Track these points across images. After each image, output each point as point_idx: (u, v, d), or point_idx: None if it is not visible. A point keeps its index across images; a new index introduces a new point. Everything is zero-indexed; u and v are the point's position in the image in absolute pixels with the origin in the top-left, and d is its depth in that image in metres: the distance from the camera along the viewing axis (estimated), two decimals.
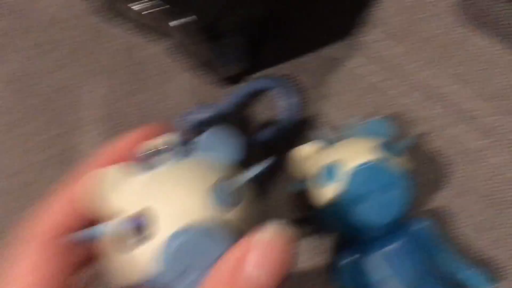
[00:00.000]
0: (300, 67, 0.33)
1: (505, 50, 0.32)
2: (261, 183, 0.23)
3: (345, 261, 0.29)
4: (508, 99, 0.32)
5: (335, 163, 0.28)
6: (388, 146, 0.28)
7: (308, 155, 0.29)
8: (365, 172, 0.26)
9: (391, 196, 0.26)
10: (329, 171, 0.28)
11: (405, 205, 0.27)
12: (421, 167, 0.32)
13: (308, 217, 0.29)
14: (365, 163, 0.27)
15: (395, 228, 0.28)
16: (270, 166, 0.23)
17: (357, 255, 0.28)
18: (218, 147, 0.22)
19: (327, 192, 0.28)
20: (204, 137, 0.23)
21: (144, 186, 0.21)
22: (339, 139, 0.30)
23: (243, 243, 0.19)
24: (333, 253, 0.29)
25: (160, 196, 0.21)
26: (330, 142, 0.30)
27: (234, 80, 0.33)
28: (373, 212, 0.26)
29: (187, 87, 0.33)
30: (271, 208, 0.31)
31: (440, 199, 0.32)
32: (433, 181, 0.32)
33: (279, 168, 0.28)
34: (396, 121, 0.33)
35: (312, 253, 0.32)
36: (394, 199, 0.26)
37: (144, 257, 0.20)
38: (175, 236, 0.20)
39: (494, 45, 0.32)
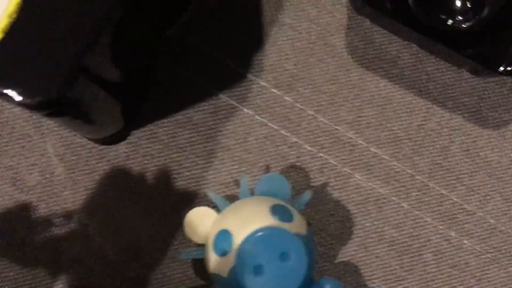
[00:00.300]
0: (184, 121, 0.30)
1: (400, 92, 0.31)
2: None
3: None
4: (404, 143, 0.31)
5: (225, 231, 0.25)
6: (281, 207, 0.26)
7: (200, 219, 0.26)
8: (257, 241, 0.24)
9: (290, 265, 0.24)
10: (220, 240, 0.25)
11: (306, 271, 0.24)
12: (323, 219, 0.30)
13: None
14: (256, 231, 0.24)
15: None
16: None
17: None
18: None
19: (220, 263, 0.25)
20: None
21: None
22: (232, 200, 0.27)
23: None
24: None
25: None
26: (223, 204, 0.27)
27: (110, 141, 0.30)
28: (272, 285, 0.24)
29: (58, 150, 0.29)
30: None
31: (348, 251, 0.30)
32: (338, 233, 0.30)
33: None
34: (291, 175, 0.30)
35: None
36: (293, 268, 0.24)
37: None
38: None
39: (388, 87, 0.31)
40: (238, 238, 0.24)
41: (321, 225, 0.30)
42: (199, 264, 0.29)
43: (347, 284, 0.30)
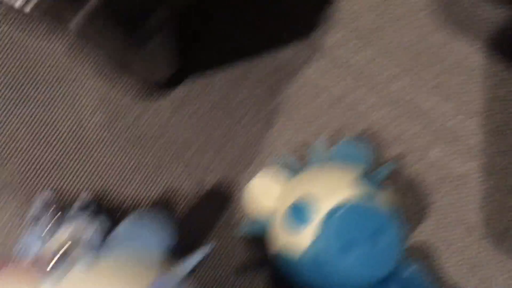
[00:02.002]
0: (243, 74, 0.26)
1: (487, 59, 0.27)
2: None
3: None
4: (492, 116, 0.27)
5: (304, 202, 0.21)
6: (367, 176, 0.22)
7: (266, 189, 0.22)
8: (346, 215, 0.20)
9: (382, 245, 0.20)
10: (297, 212, 0.21)
11: (399, 254, 0.20)
12: (397, 196, 0.26)
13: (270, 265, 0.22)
14: (345, 203, 0.20)
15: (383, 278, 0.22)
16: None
17: None
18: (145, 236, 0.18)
19: (293, 239, 0.21)
20: (125, 226, 0.18)
21: None
22: (303, 167, 0.23)
23: None
24: None
25: None
26: (293, 172, 0.23)
27: (158, 86, 0.25)
28: (359, 268, 0.20)
29: (94, 95, 0.25)
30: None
31: (422, 233, 0.26)
32: (412, 212, 0.26)
33: None
34: (369, 143, 0.26)
35: None
36: (386, 249, 0.20)
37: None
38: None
39: (475, 54, 0.27)
40: (321, 210, 0.20)
41: (398, 203, 0.26)
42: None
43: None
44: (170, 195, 0.25)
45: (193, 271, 0.19)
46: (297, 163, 0.23)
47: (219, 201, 0.25)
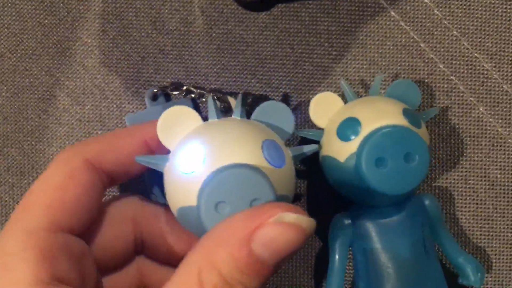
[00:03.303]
0: (333, 4, 0.30)
1: None
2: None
3: (338, 220, 0.27)
4: None
5: (356, 118, 0.25)
6: (412, 112, 0.26)
7: (328, 103, 0.27)
8: (387, 135, 0.24)
9: (412, 166, 0.24)
10: (349, 125, 0.25)
11: (422, 179, 0.25)
12: (434, 141, 0.30)
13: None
14: (390, 126, 0.24)
15: (400, 200, 0.26)
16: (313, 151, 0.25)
17: (349, 220, 0.27)
18: (273, 117, 0.24)
19: (340, 147, 0.25)
20: (263, 106, 0.24)
21: (207, 128, 0.23)
22: (362, 95, 0.28)
23: (258, 215, 0.19)
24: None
25: (218, 136, 0.22)
26: (351, 95, 0.27)
27: (255, 7, 0.30)
28: (388, 181, 0.24)
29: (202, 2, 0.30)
30: None
31: (449, 179, 0.30)
32: (444, 159, 0.30)
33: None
34: (426, 88, 0.30)
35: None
36: (414, 170, 0.24)
37: (192, 184, 0.21)
38: (217, 171, 0.20)
39: None
40: (367, 128, 0.25)
41: (430, 146, 0.30)
42: None
43: None
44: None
45: (295, 159, 0.24)
46: (355, 94, 0.28)
47: (289, 105, 0.30)
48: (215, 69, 0.30)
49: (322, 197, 0.30)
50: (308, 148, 0.24)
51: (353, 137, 0.25)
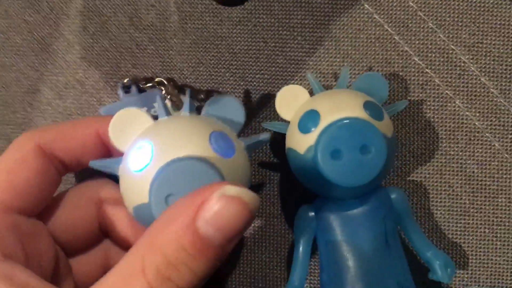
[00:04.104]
0: (303, 1, 0.30)
1: None
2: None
3: (302, 212, 0.27)
4: None
5: (316, 111, 0.25)
6: (374, 105, 0.26)
7: (293, 96, 0.27)
8: (342, 127, 0.24)
9: (367, 158, 0.24)
10: (309, 117, 0.26)
11: (379, 171, 0.24)
12: (409, 135, 0.30)
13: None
14: (347, 118, 0.24)
15: (365, 192, 0.26)
16: (266, 140, 0.25)
17: (312, 212, 0.27)
18: (223, 110, 0.24)
19: (301, 140, 0.26)
20: (213, 100, 0.25)
21: (156, 126, 0.23)
22: (328, 87, 0.28)
23: (201, 194, 0.19)
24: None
25: (164, 133, 0.22)
26: (318, 88, 0.27)
27: (229, 2, 0.30)
28: (344, 173, 0.24)
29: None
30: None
31: (423, 173, 0.30)
32: (419, 153, 0.30)
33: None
34: (392, 83, 0.30)
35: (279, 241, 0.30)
36: (370, 162, 0.24)
37: (143, 181, 0.21)
38: (164, 165, 0.21)
39: None
40: (325, 120, 0.25)
41: (404, 140, 0.30)
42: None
43: (412, 204, 0.30)
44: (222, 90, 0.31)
45: (249, 149, 0.24)
46: (321, 85, 0.28)
47: (263, 98, 0.30)
48: (190, 63, 0.31)
49: (295, 189, 0.30)
50: (261, 137, 0.25)
51: (312, 129, 0.25)
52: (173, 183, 0.21)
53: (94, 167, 0.24)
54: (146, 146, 0.22)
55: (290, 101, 0.27)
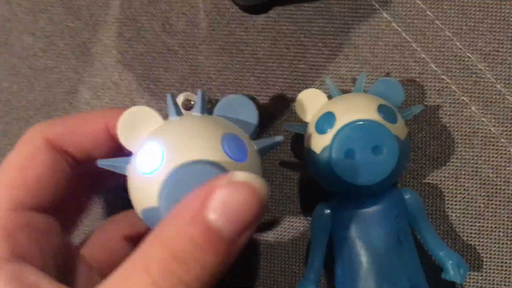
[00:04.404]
0: (326, 6, 0.31)
1: None
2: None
3: (318, 209, 0.29)
4: None
5: (331, 113, 0.27)
6: (388, 108, 0.27)
7: (312, 99, 0.29)
8: (356, 128, 0.26)
9: (379, 159, 0.26)
10: (325, 119, 0.27)
11: (390, 171, 0.26)
12: (425, 139, 0.31)
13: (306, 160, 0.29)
14: (361, 120, 0.26)
15: (379, 191, 0.27)
16: (278, 143, 0.25)
17: (328, 210, 0.28)
18: (236, 111, 0.24)
19: (317, 140, 0.27)
20: (225, 100, 0.24)
21: (166, 126, 0.23)
22: (347, 92, 0.29)
23: (209, 185, 0.18)
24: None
25: (175, 134, 0.22)
26: (335, 92, 0.29)
27: (254, 10, 0.32)
28: (356, 172, 0.26)
29: (208, 5, 0.32)
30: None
31: (438, 176, 0.31)
32: (434, 157, 0.31)
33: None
34: (408, 88, 0.31)
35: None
36: (381, 163, 0.26)
37: (153, 185, 0.21)
38: (175, 169, 0.20)
39: None
40: (340, 122, 0.26)
41: (421, 144, 0.31)
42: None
43: (428, 206, 0.31)
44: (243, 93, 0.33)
45: (261, 152, 0.24)
46: (339, 90, 0.29)
47: (284, 101, 0.32)
48: (216, 67, 0.33)
49: (313, 188, 0.32)
50: (273, 140, 0.24)
51: (328, 130, 0.27)
52: (184, 188, 0.19)
53: (103, 167, 0.23)
54: (156, 148, 0.21)
55: (309, 104, 0.29)
